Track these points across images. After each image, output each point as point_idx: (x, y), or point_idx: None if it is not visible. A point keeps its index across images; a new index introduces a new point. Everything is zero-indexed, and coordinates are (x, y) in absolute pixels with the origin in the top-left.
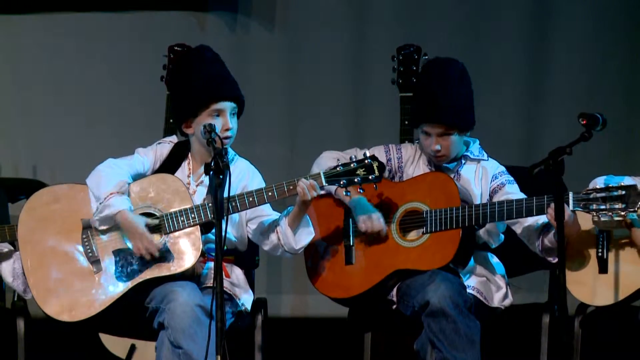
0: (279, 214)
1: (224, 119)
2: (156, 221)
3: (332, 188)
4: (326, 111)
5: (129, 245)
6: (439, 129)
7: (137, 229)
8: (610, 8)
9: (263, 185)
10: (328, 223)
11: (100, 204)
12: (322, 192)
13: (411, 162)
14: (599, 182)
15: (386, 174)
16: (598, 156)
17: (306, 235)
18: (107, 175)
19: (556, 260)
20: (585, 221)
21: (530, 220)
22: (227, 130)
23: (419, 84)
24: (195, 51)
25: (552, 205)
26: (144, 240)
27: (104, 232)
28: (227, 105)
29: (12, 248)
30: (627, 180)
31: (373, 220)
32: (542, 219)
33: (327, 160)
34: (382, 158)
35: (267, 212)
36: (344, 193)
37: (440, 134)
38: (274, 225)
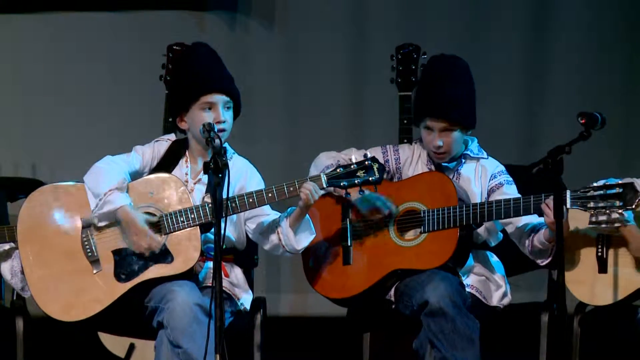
0: (278, 214)
1: (215, 112)
2: (156, 218)
3: (332, 189)
4: (325, 110)
5: (129, 245)
6: (443, 123)
7: (137, 225)
8: (610, 8)
9: (262, 184)
10: (326, 224)
11: (100, 200)
12: (323, 192)
13: (409, 163)
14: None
15: (384, 174)
16: (597, 156)
17: (307, 236)
18: (106, 172)
19: (544, 262)
20: (585, 220)
21: (522, 221)
22: (220, 123)
23: (423, 79)
24: (189, 47)
25: (547, 201)
26: (143, 237)
27: (103, 231)
28: (219, 98)
29: (13, 245)
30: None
31: (380, 211)
32: (533, 220)
33: (325, 161)
34: (380, 159)
35: (266, 212)
36: (344, 194)
37: (443, 129)
38: (274, 225)
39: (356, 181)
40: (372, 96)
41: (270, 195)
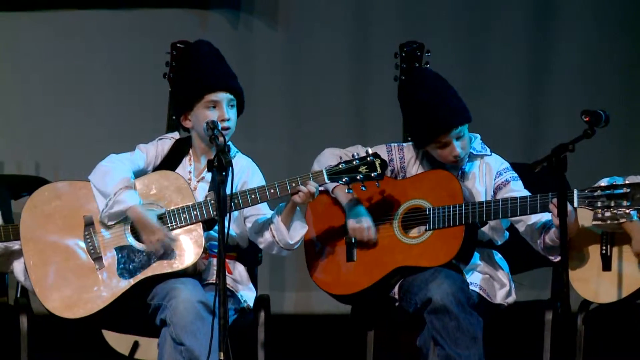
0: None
1: (220, 110)
2: (163, 210)
3: (331, 186)
4: (328, 108)
5: (131, 242)
6: (456, 129)
7: (149, 223)
8: (612, 7)
9: (263, 182)
10: (329, 220)
11: (109, 200)
12: (321, 188)
13: (414, 162)
14: (603, 183)
15: (388, 173)
16: (600, 154)
17: (300, 229)
18: (112, 171)
19: (557, 259)
20: (589, 218)
21: (533, 219)
22: (224, 121)
23: (414, 102)
24: (192, 46)
25: (554, 200)
26: (157, 233)
27: (106, 229)
28: (223, 97)
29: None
30: (631, 179)
31: (363, 230)
32: (544, 217)
33: (329, 157)
34: (384, 157)
35: (262, 211)
36: (346, 190)
37: (459, 136)
38: (267, 223)
39: (358, 177)
40: (376, 94)
41: (272, 191)
